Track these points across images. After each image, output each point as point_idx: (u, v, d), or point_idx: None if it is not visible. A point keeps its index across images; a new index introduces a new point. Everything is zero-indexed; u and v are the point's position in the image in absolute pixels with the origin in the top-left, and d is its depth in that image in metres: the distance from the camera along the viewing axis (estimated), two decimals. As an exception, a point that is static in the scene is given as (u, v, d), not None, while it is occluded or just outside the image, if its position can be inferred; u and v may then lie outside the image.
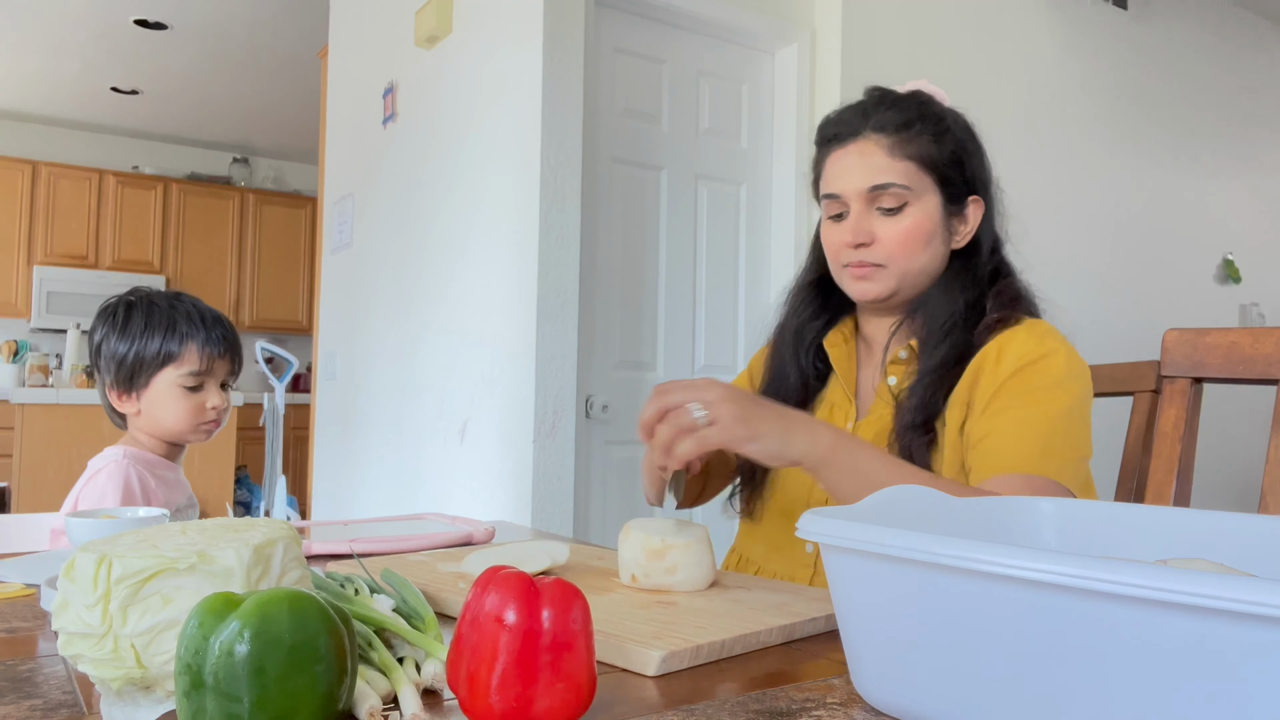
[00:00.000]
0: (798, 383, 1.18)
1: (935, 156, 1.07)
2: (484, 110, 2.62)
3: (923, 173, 1.06)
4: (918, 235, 1.06)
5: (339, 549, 1.10)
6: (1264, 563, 0.63)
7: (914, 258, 1.07)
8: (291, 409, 5.20)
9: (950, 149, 1.08)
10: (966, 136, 1.11)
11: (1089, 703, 0.45)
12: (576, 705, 0.52)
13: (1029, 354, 1.02)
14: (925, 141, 1.06)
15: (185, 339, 1.46)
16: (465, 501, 2.59)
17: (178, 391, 1.45)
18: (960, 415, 1.04)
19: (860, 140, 1.08)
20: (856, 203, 1.07)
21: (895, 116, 1.07)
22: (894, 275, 1.07)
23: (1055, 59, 3.44)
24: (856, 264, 1.08)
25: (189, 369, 1.45)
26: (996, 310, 1.07)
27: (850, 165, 1.08)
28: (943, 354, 1.05)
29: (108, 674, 0.54)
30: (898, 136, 1.06)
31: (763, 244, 2.87)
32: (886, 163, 1.06)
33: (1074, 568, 0.43)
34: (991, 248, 1.12)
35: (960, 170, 1.09)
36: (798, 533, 0.58)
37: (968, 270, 1.10)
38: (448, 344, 2.75)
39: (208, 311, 1.52)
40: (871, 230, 1.07)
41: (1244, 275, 4.15)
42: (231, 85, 5.44)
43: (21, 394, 3.90)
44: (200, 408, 1.47)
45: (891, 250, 1.06)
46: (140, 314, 1.46)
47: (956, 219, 1.10)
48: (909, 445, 1.03)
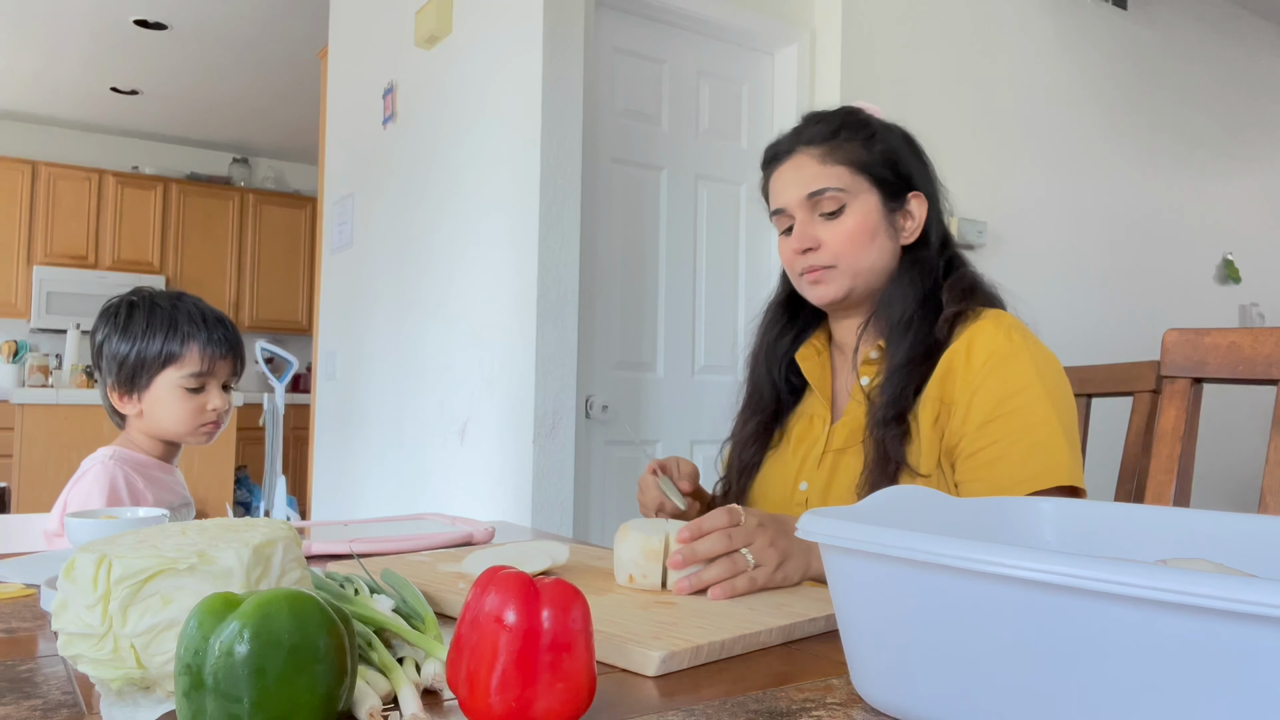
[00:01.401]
0: (772, 398, 1.24)
1: (866, 159, 1.12)
2: (484, 110, 2.62)
3: (856, 175, 1.12)
4: (860, 233, 1.12)
5: (339, 549, 1.10)
6: (1264, 563, 0.63)
7: (861, 255, 1.12)
8: (291, 409, 5.20)
9: (881, 150, 1.13)
10: (897, 141, 1.16)
11: (1089, 703, 0.45)
12: (576, 705, 0.52)
13: (999, 348, 1.05)
14: (854, 146, 1.13)
15: (187, 339, 1.44)
16: (465, 501, 2.59)
17: (179, 393, 1.44)
18: (934, 410, 1.06)
19: (794, 156, 1.15)
20: (799, 212, 1.14)
21: (823, 129, 1.14)
22: (846, 274, 1.13)
23: (1055, 59, 3.44)
24: (809, 269, 1.14)
25: (190, 370, 1.44)
26: (953, 302, 1.11)
27: (788, 180, 1.15)
28: (908, 348, 1.09)
29: (108, 674, 0.54)
30: (827, 145, 1.13)
31: (763, 244, 2.87)
32: (819, 170, 1.12)
33: (1074, 568, 0.43)
34: (942, 241, 1.17)
35: (894, 169, 1.14)
36: (798, 533, 0.58)
37: (920, 264, 1.14)
38: (448, 344, 2.75)
39: (210, 312, 1.50)
40: (816, 235, 1.13)
41: (1244, 275, 4.15)
42: (231, 85, 5.44)
43: (21, 394, 3.90)
44: (201, 409, 1.46)
45: (838, 250, 1.12)
46: (142, 314, 1.45)
47: (899, 214, 1.15)
48: (883, 439, 1.06)
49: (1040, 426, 1.01)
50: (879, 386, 1.10)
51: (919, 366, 1.08)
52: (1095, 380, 1.41)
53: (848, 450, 1.12)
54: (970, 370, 1.05)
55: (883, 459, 1.05)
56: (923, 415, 1.06)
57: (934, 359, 1.08)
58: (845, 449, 1.13)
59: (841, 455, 1.13)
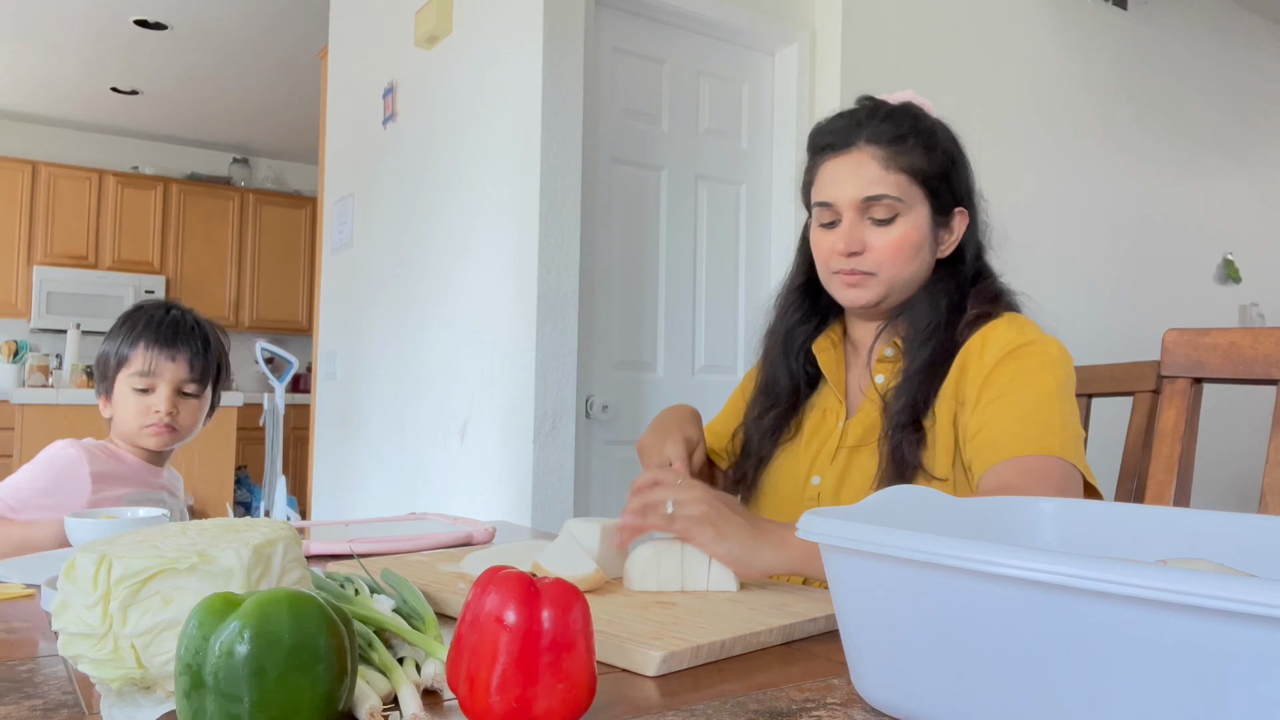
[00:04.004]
0: (789, 387, 1.21)
1: (926, 169, 1.09)
2: (484, 110, 2.62)
3: (914, 185, 1.09)
4: (907, 246, 1.09)
5: (339, 549, 1.10)
6: (1264, 563, 0.63)
7: (903, 267, 1.10)
8: (291, 409, 5.20)
9: (939, 162, 1.11)
10: (954, 149, 1.14)
11: (1089, 703, 0.45)
12: (576, 705, 0.52)
13: (1012, 341, 1.05)
14: (918, 155, 1.09)
15: (136, 341, 1.48)
16: (465, 501, 2.59)
17: (130, 393, 1.48)
18: (950, 409, 1.06)
19: (855, 151, 1.10)
20: (849, 212, 1.10)
21: (889, 129, 1.10)
22: (883, 283, 1.10)
23: (1055, 59, 3.44)
24: (847, 271, 1.11)
25: (136, 369, 1.48)
26: (976, 307, 1.11)
27: (844, 175, 1.10)
28: (928, 354, 1.08)
29: (108, 674, 0.54)
30: (892, 149, 1.09)
31: (763, 244, 2.87)
32: (880, 174, 1.08)
33: (1074, 568, 0.43)
34: (975, 253, 1.16)
35: (948, 183, 1.12)
36: (798, 533, 0.58)
37: (951, 278, 1.13)
38: (448, 344, 2.75)
39: (173, 317, 1.52)
40: (864, 239, 1.09)
41: (1244, 275, 4.15)
42: (231, 85, 5.44)
43: (21, 394, 3.90)
44: (146, 410, 1.48)
45: (882, 259, 1.09)
46: (120, 322, 1.51)
47: (943, 230, 1.13)
48: (899, 444, 1.05)
49: (1043, 402, 1.00)
50: (895, 389, 1.09)
51: (936, 369, 1.08)
52: (1095, 380, 1.41)
53: (862, 448, 1.12)
54: (983, 363, 1.05)
55: (899, 463, 1.05)
56: (940, 415, 1.06)
57: (950, 361, 1.08)
58: (859, 446, 1.12)
59: (856, 453, 1.13)
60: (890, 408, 1.08)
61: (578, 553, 0.88)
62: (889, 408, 1.09)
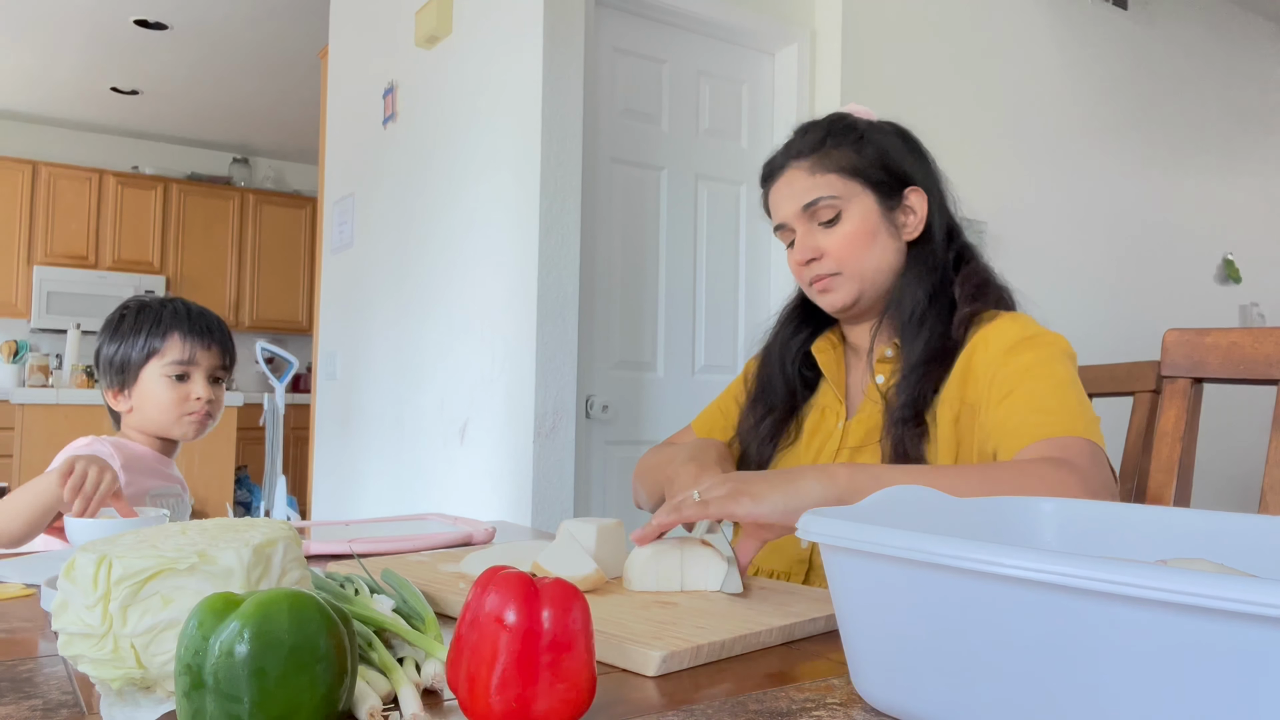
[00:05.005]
0: (784, 390, 1.24)
1: (856, 163, 1.13)
2: (484, 110, 2.62)
3: (848, 180, 1.13)
4: (860, 236, 1.13)
5: (339, 549, 1.10)
6: (1264, 563, 0.63)
7: (863, 258, 1.13)
8: (291, 409, 5.20)
9: (872, 153, 1.14)
10: (889, 137, 1.16)
11: (1089, 703, 0.45)
12: (576, 705, 0.52)
13: (1018, 335, 1.06)
14: (844, 152, 1.13)
15: (168, 331, 1.50)
16: (465, 501, 2.59)
17: (164, 382, 1.49)
18: (953, 410, 1.06)
19: (786, 171, 1.17)
20: (798, 224, 1.15)
21: (811, 139, 1.16)
22: (852, 279, 1.13)
23: (1055, 59, 3.44)
24: (815, 279, 1.15)
25: (172, 358, 1.49)
26: (965, 299, 1.12)
27: (783, 195, 1.17)
28: (923, 345, 1.09)
29: (108, 674, 0.54)
30: (815, 156, 1.14)
31: (763, 244, 2.87)
32: (809, 182, 1.14)
33: (1074, 568, 0.43)
34: (948, 233, 1.17)
35: (886, 168, 1.14)
36: (798, 533, 0.58)
37: (926, 258, 1.15)
38: (448, 343, 2.75)
39: (194, 307, 1.56)
40: (817, 244, 1.14)
41: (1244, 275, 4.15)
42: (231, 85, 5.44)
43: (21, 394, 3.90)
44: (185, 398, 1.50)
45: (840, 256, 1.13)
46: (131, 317, 1.52)
47: (899, 212, 1.15)
48: (901, 439, 1.06)
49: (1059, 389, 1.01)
50: (895, 386, 1.10)
51: (936, 366, 1.08)
52: (1095, 380, 1.41)
53: (864, 448, 1.12)
54: (989, 359, 1.06)
55: (901, 458, 1.05)
56: (942, 415, 1.07)
57: (951, 359, 1.09)
58: (861, 447, 1.13)
59: (858, 453, 1.13)
60: (891, 405, 1.09)
61: (578, 553, 0.88)
62: (890, 405, 1.09)
